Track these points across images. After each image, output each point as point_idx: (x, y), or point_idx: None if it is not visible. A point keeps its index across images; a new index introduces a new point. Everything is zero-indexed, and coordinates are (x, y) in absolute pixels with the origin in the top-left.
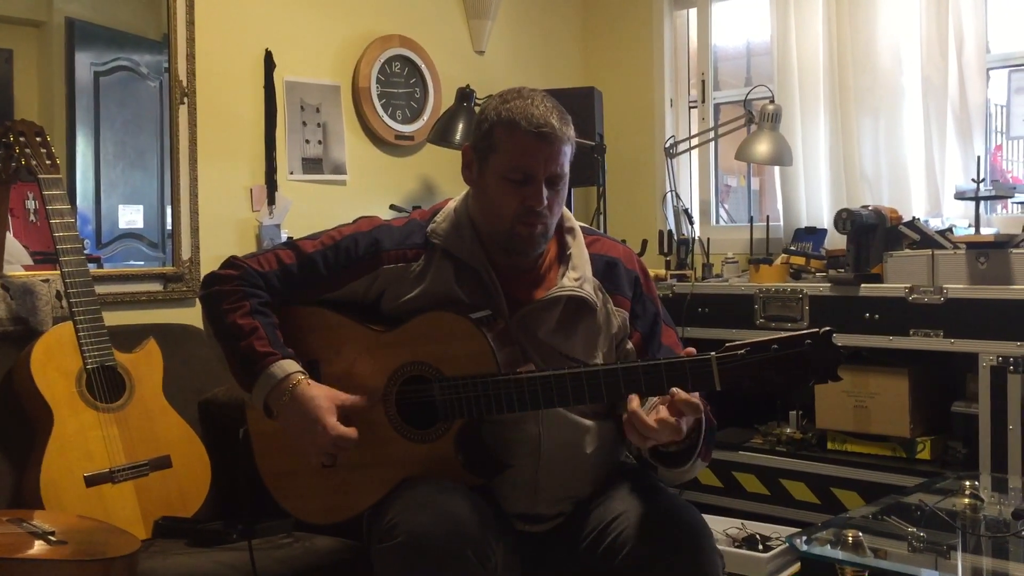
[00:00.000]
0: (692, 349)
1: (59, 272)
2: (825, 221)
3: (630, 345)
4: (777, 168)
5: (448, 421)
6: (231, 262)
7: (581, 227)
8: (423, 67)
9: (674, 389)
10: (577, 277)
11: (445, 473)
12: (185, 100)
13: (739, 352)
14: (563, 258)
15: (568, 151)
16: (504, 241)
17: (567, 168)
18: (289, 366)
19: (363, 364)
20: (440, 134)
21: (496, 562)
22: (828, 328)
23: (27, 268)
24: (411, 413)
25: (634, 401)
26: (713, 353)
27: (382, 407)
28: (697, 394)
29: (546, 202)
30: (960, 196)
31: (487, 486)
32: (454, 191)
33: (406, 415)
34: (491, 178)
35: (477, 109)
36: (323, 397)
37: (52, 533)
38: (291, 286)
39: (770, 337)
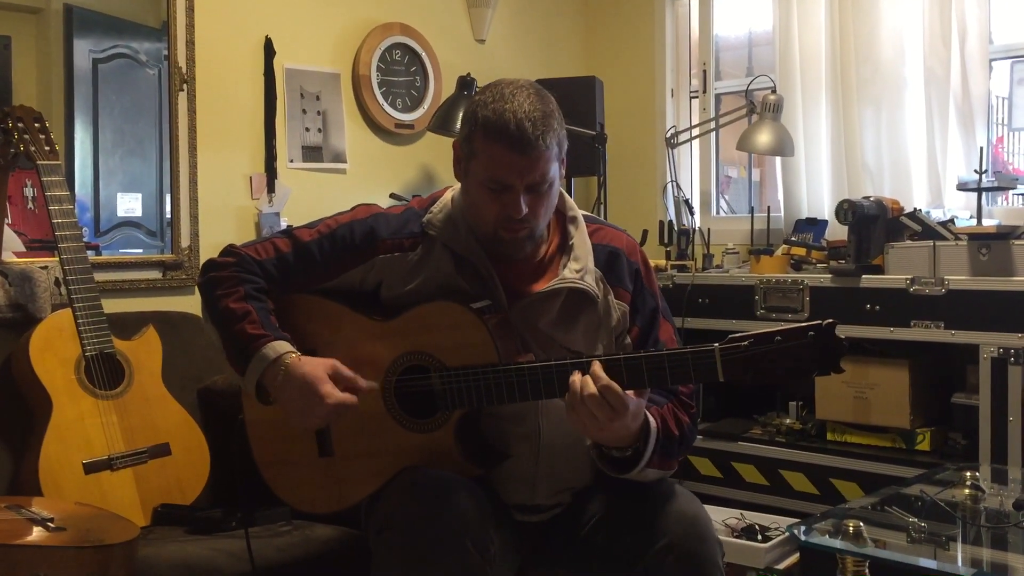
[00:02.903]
0: (597, 366)
1: (58, 259)
2: (826, 212)
3: (628, 340)
4: (778, 159)
5: (448, 411)
6: (229, 250)
7: (584, 215)
8: (423, 55)
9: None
10: (579, 268)
11: (444, 463)
12: (184, 87)
13: (742, 344)
14: (565, 248)
15: (550, 155)
16: (490, 243)
17: (551, 172)
18: (281, 347)
19: (362, 353)
20: (440, 123)
21: (494, 552)
22: (831, 320)
23: (21, 255)
24: (410, 403)
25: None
26: (716, 344)
27: (381, 396)
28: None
29: (527, 209)
30: (962, 187)
31: (485, 476)
32: (454, 180)
33: (405, 405)
34: (473, 182)
35: None
36: (317, 367)
37: (51, 520)
38: (287, 275)
39: (773, 329)
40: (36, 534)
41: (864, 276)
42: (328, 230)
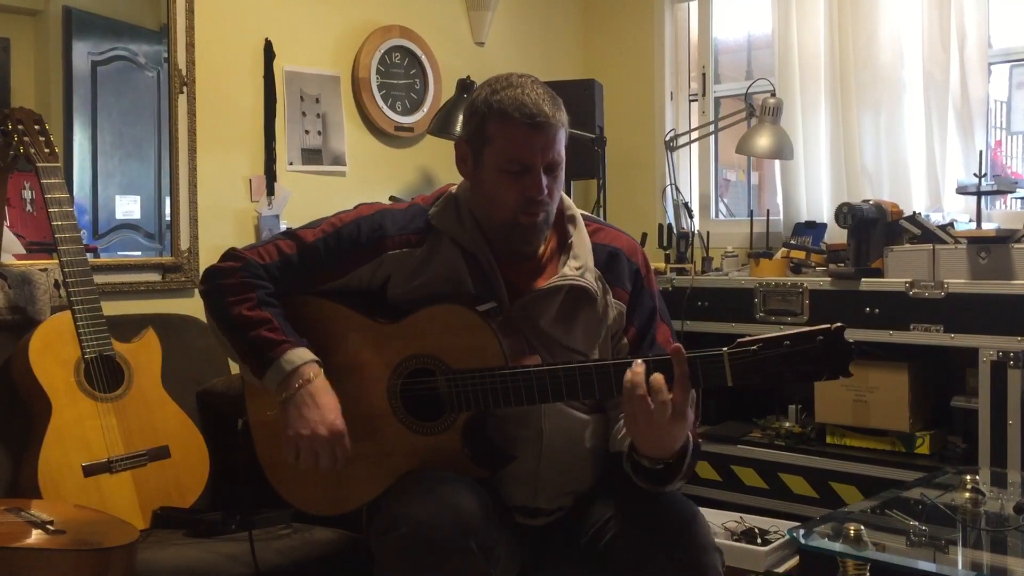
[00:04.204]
0: (678, 345)
1: (57, 261)
2: (825, 215)
3: (625, 340)
4: (777, 162)
5: (454, 414)
6: (232, 254)
7: (583, 215)
8: (423, 58)
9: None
10: (578, 266)
11: (450, 465)
12: (184, 90)
13: (751, 348)
14: (564, 247)
15: (562, 135)
16: (506, 232)
17: (563, 153)
18: (305, 354)
19: (368, 356)
20: (440, 125)
21: (499, 554)
22: (839, 324)
23: (23, 257)
24: (416, 405)
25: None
26: (725, 349)
27: (387, 399)
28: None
29: (546, 190)
30: (961, 191)
31: (489, 479)
32: (454, 182)
33: (411, 407)
34: (488, 171)
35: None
36: (335, 404)
37: (50, 523)
38: (293, 276)
39: (782, 333)
40: (35, 537)
41: (863, 279)
42: (333, 229)
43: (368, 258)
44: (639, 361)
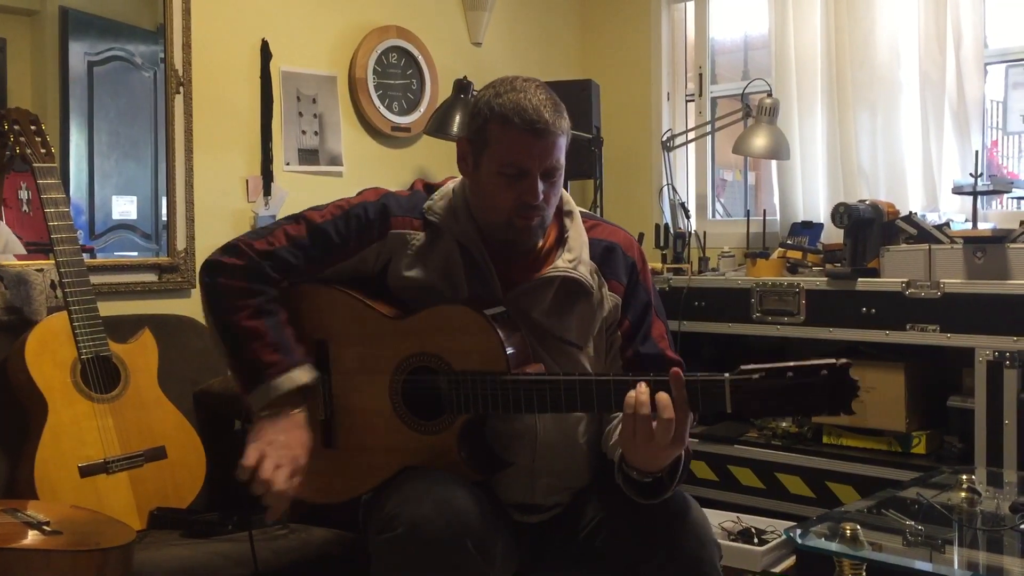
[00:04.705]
0: (677, 369)
1: (54, 262)
2: (822, 215)
3: (618, 333)
4: (774, 162)
5: (453, 415)
6: (236, 247)
7: (581, 212)
8: (420, 58)
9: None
10: (572, 259)
11: (445, 466)
12: (181, 90)
13: (753, 376)
14: (561, 241)
15: (563, 142)
16: (502, 233)
17: (563, 159)
18: (296, 378)
19: (372, 349)
20: (437, 126)
21: (496, 553)
22: (846, 361)
23: (20, 257)
24: (416, 403)
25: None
26: (727, 374)
27: (388, 395)
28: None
29: (542, 196)
30: (958, 191)
31: (484, 481)
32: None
33: (411, 405)
34: (486, 172)
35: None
36: (305, 438)
37: (46, 523)
38: (304, 259)
39: (786, 364)
40: (32, 538)
41: (860, 279)
42: (340, 211)
43: (375, 238)
44: (643, 382)
